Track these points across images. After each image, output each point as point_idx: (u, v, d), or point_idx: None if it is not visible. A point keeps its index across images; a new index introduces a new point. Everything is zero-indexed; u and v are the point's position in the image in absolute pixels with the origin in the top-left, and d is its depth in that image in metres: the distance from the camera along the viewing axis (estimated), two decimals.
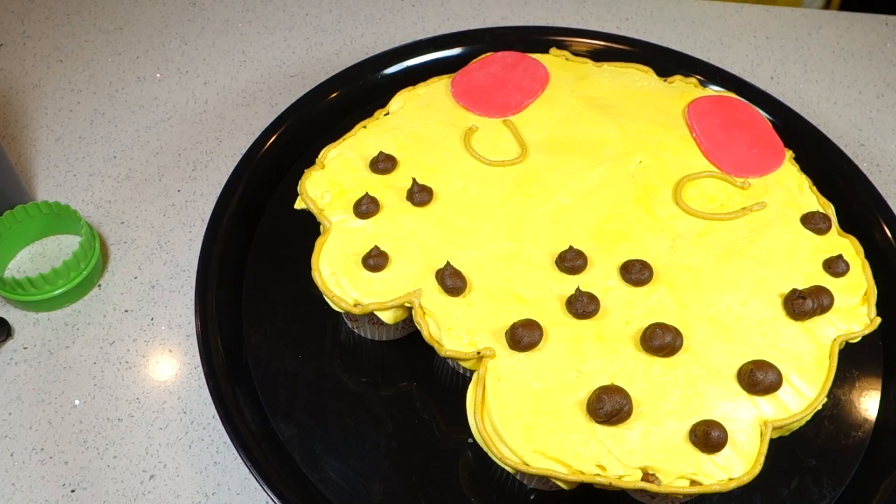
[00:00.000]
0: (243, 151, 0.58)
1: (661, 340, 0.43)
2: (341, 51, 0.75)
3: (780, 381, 0.43)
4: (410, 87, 0.56)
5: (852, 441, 0.48)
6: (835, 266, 0.48)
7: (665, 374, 0.43)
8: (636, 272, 0.46)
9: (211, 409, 0.51)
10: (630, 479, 0.40)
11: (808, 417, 0.43)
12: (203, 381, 0.48)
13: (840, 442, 0.48)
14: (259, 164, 0.57)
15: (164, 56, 0.73)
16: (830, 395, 0.44)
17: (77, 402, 0.52)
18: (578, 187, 0.51)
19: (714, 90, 0.60)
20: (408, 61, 0.65)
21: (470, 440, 0.43)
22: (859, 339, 0.46)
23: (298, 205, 0.50)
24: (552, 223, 0.49)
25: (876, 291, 0.48)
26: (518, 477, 0.46)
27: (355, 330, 0.52)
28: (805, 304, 0.45)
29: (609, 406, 0.40)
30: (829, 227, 0.50)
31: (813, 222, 0.50)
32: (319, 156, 0.51)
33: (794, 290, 0.46)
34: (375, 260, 0.46)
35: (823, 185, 0.53)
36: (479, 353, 0.43)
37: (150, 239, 0.60)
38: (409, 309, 0.45)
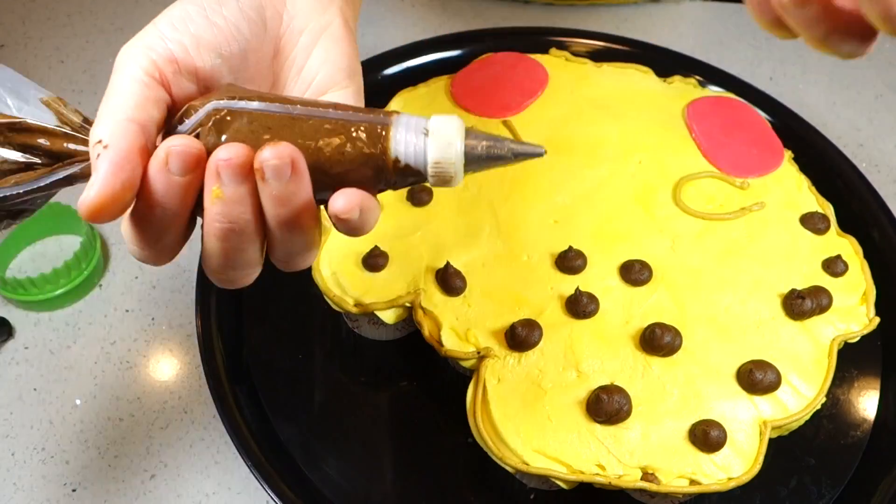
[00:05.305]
0: None
1: (660, 340, 0.43)
2: None
3: (779, 381, 0.43)
4: (410, 88, 0.56)
5: (851, 440, 0.49)
6: (834, 266, 0.48)
7: (664, 373, 0.43)
8: (636, 272, 0.46)
9: (211, 409, 0.51)
10: (629, 478, 0.40)
11: (807, 417, 0.43)
12: (204, 380, 0.48)
13: (839, 441, 0.48)
14: None
15: None
16: (829, 394, 0.45)
17: (78, 401, 0.52)
18: (578, 187, 0.51)
19: (713, 91, 0.60)
20: (408, 61, 0.65)
21: (470, 440, 0.43)
22: (858, 338, 0.46)
23: None
24: (552, 223, 0.49)
25: (875, 291, 0.48)
26: (518, 477, 0.46)
27: (355, 330, 0.52)
28: (804, 303, 0.45)
29: (608, 406, 0.41)
30: (827, 227, 0.50)
31: (812, 222, 0.50)
32: None
33: (793, 290, 0.46)
34: (375, 260, 0.46)
35: (822, 185, 0.53)
36: (479, 353, 0.43)
37: None
38: (409, 309, 0.46)
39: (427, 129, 0.27)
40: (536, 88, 0.56)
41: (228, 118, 0.27)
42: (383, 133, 0.27)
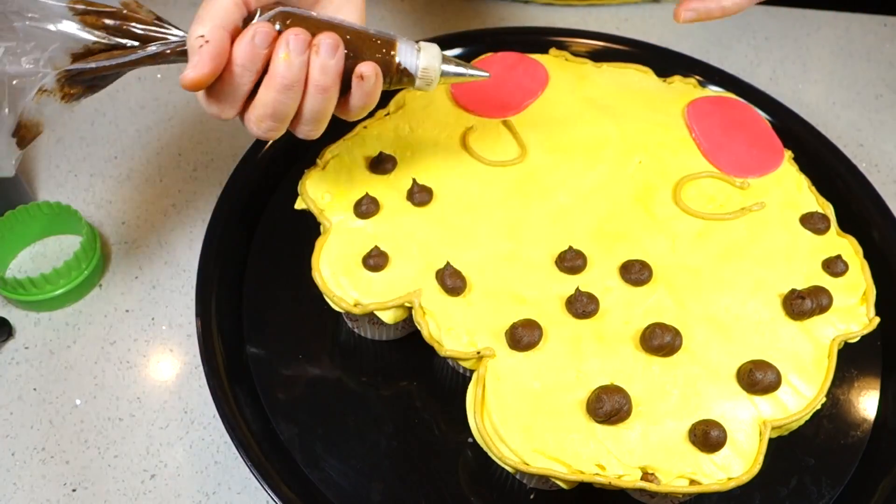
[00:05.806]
0: (244, 151, 0.58)
1: (660, 340, 0.43)
2: None
3: (779, 381, 0.43)
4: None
5: (851, 440, 0.49)
6: (834, 266, 0.48)
7: (664, 373, 0.43)
8: (636, 272, 0.46)
9: (211, 409, 0.51)
10: (629, 478, 0.40)
11: (807, 417, 0.43)
12: (204, 380, 0.48)
13: (839, 441, 0.49)
14: (259, 164, 0.58)
15: None
16: (829, 394, 0.44)
17: (78, 401, 0.52)
18: (578, 187, 0.51)
19: (713, 90, 0.60)
20: None
21: (470, 440, 0.43)
22: (858, 338, 0.46)
23: (299, 205, 0.50)
24: (552, 223, 0.49)
25: (874, 291, 0.48)
26: (518, 476, 0.46)
27: (355, 330, 0.52)
28: (804, 303, 0.45)
29: (608, 405, 0.41)
30: (827, 228, 0.50)
31: (812, 222, 0.50)
32: (319, 156, 0.51)
33: (793, 290, 0.46)
34: (375, 260, 0.46)
35: (822, 185, 0.53)
36: (479, 353, 0.43)
37: (151, 239, 0.60)
38: (409, 309, 0.46)
39: (419, 47, 0.42)
40: (536, 88, 0.56)
41: (291, 19, 0.39)
42: (392, 44, 0.41)
